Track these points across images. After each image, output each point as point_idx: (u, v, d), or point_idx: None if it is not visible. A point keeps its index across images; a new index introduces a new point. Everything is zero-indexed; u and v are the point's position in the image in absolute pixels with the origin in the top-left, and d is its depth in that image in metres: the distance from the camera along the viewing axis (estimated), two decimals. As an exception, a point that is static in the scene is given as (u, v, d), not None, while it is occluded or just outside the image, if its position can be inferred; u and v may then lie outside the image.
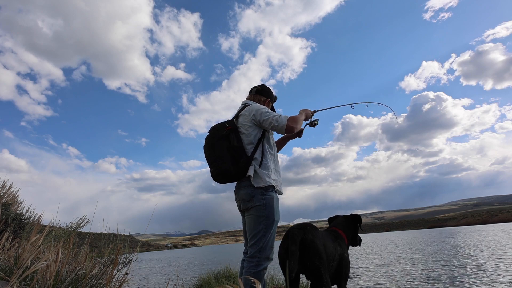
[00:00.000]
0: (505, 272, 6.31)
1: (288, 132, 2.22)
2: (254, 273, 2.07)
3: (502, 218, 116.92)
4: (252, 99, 2.51)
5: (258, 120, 2.26)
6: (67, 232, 3.75)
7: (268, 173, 2.22)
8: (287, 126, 2.18)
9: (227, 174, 2.20)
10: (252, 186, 2.18)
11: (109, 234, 2.89)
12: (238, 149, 2.20)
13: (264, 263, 2.12)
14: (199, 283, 5.97)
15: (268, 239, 2.14)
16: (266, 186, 2.18)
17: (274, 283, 4.72)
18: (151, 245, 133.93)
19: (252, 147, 2.25)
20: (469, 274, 6.47)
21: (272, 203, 2.18)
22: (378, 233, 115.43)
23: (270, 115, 2.22)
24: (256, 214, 2.16)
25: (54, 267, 1.66)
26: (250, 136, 2.27)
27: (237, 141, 2.22)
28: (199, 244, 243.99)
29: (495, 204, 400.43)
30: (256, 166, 2.20)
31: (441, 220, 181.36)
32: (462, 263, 8.16)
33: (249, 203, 2.19)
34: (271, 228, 2.17)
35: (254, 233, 2.16)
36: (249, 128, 2.28)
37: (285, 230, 2.33)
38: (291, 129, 2.20)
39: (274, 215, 2.17)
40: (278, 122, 2.19)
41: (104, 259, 2.41)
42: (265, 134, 2.34)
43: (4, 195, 3.77)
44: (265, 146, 2.29)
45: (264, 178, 2.18)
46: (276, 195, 2.25)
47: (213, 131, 2.31)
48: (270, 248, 2.16)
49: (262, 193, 2.17)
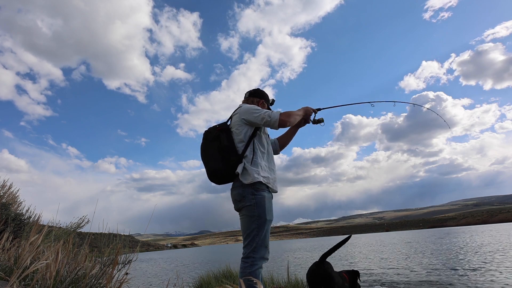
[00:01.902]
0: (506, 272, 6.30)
1: (281, 126, 2.25)
2: (249, 273, 2.06)
3: (502, 218, 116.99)
4: (246, 102, 2.56)
5: (249, 119, 2.29)
6: (67, 232, 3.75)
7: (257, 170, 2.22)
8: (280, 120, 2.21)
9: (218, 173, 2.25)
10: (243, 185, 2.19)
11: (109, 234, 2.89)
12: (228, 148, 2.25)
13: (259, 263, 2.11)
14: (199, 283, 5.96)
15: (261, 239, 2.13)
16: (255, 183, 2.17)
17: (274, 283, 4.72)
18: (151, 245, 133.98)
19: (243, 145, 2.27)
20: (470, 277, 6.47)
21: (263, 202, 2.17)
22: (378, 233, 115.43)
23: (261, 112, 2.26)
24: (248, 214, 2.17)
25: (54, 267, 1.66)
26: (241, 134, 2.29)
27: (227, 141, 2.27)
28: (199, 244, 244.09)
29: (495, 204, 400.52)
30: (247, 163, 2.22)
31: (441, 220, 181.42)
32: (463, 264, 8.16)
33: (240, 203, 2.21)
34: (264, 227, 2.16)
35: (247, 233, 2.16)
36: (240, 127, 2.31)
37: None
38: (284, 123, 2.24)
39: (266, 214, 2.16)
40: (271, 117, 2.22)
41: (104, 259, 2.41)
42: (257, 132, 2.35)
43: (4, 195, 3.76)
44: (256, 144, 2.31)
45: (253, 174, 2.18)
46: (267, 194, 2.24)
47: (206, 134, 2.38)
48: (265, 247, 2.15)
49: (252, 193, 2.17)
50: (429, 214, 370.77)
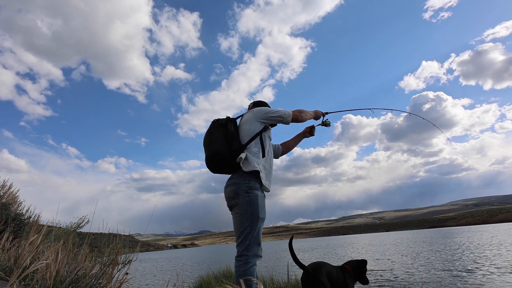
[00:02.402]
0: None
1: (294, 120, 2.47)
2: (244, 271, 2.09)
3: (502, 218, 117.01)
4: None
5: (265, 116, 2.42)
6: (67, 232, 3.75)
7: (258, 160, 2.30)
8: (293, 115, 2.46)
9: (219, 156, 2.29)
10: (237, 184, 2.24)
11: (109, 234, 2.89)
12: (234, 135, 2.34)
13: (253, 260, 2.15)
14: (199, 283, 5.96)
15: (254, 236, 2.17)
16: (250, 181, 2.23)
17: (274, 283, 4.72)
18: (151, 245, 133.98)
19: (248, 138, 2.36)
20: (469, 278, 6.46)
21: (256, 201, 2.21)
22: (378, 233, 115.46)
23: (280, 110, 2.46)
24: (241, 212, 2.21)
25: (54, 267, 1.66)
26: (250, 129, 2.39)
27: (234, 129, 2.37)
28: (199, 244, 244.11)
29: (495, 204, 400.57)
30: (249, 154, 2.30)
31: (441, 220, 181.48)
32: (464, 265, 8.16)
33: (234, 200, 2.25)
34: (257, 225, 2.19)
35: (241, 231, 2.20)
36: (250, 122, 2.41)
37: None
38: (296, 117, 2.48)
39: (258, 212, 2.20)
40: (286, 113, 2.44)
41: (104, 259, 2.41)
42: (264, 132, 2.43)
43: (4, 195, 3.77)
44: (259, 141, 2.39)
45: (253, 163, 2.26)
46: (260, 193, 2.28)
47: (214, 121, 2.47)
48: (258, 245, 2.19)
49: (246, 191, 2.21)
50: (429, 214, 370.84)
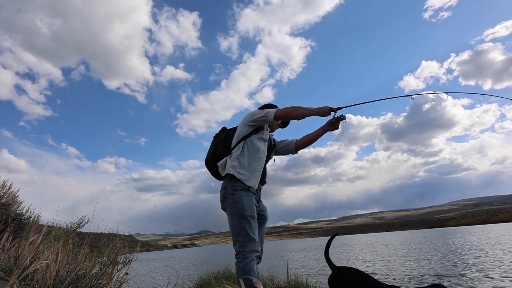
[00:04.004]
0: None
1: (279, 118, 2.42)
2: (243, 267, 2.15)
3: (502, 218, 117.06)
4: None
5: (251, 119, 2.49)
6: (67, 232, 3.75)
7: (235, 165, 2.40)
8: (277, 112, 2.42)
9: (209, 164, 2.57)
10: (225, 188, 2.39)
11: (109, 234, 2.89)
12: (222, 142, 2.56)
13: (250, 255, 2.20)
14: (199, 283, 5.96)
15: (246, 233, 2.24)
16: (234, 183, 2.35)
17: (274, 283, 4.72)
18: (151, 245, 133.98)
19: (235, 142, 2.51)
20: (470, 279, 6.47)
21: (241, 200, 2.32)
22: (378, 233, 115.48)
23: (264, 110, 2.49)
24: (229, 213, 2.35)
25: (54, 267, 1.66)
26: (238, 134, 2.53)
27: (223, 137, 2.58)
28: (199, 244, 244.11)
29: (495, 204, 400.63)
30: (229, 158, 2.47)
31: (441, 220, 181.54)
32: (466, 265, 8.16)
33: (223, 203, 2.40)
34: (245, 222, 2.27)
35: (232, 230, 2.31)
36: (240, 127, 2.56)
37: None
38: (281, 114, 2.41)
39: (244, 210, 2.29)
40: (269, 112, 2.44)
41: (104, 259, 2.41)
42: (251, 135, 2.50)
43: (4, 195, 3.77)
44: (245, 144, 2.48)
45: (228, 167, 2.42)
46: (245, 192, 2.35)
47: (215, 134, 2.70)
48: (253, 240, 2.25)
49: (231, 193, 2.34)
50: (429, 214, 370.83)
